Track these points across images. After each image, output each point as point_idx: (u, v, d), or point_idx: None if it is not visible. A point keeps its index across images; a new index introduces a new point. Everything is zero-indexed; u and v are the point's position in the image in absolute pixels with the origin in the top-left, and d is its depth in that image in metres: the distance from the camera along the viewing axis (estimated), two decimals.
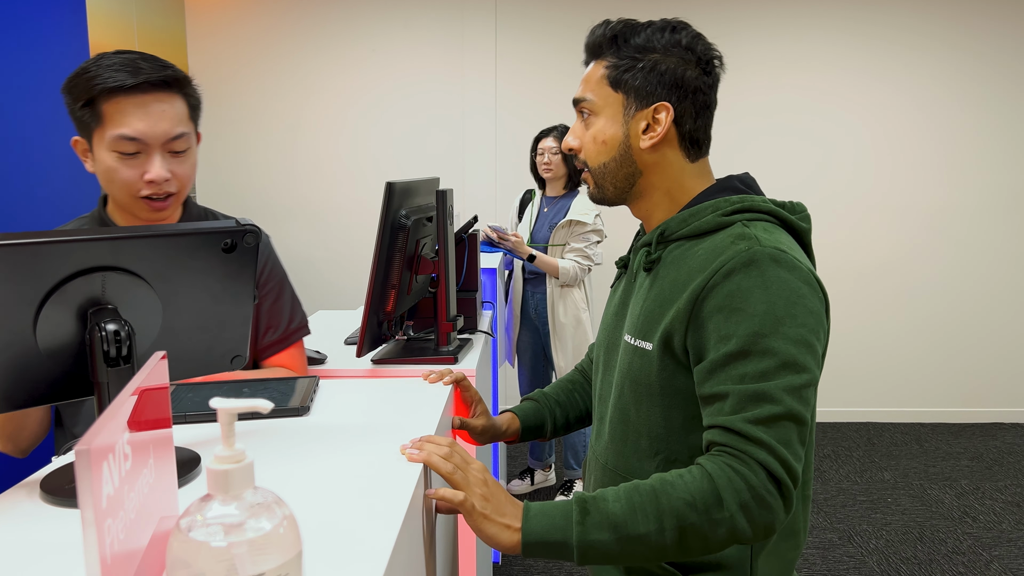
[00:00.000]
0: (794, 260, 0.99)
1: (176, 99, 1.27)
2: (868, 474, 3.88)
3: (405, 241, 1.62)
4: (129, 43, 3.64)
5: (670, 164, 1.10)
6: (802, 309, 0.96)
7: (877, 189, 4.49)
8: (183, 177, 1.29)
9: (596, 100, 1.10)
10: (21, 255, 0.76)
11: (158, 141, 1.24)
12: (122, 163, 1.23)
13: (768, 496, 0.91)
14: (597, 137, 1.10)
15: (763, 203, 1.07)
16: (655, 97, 1.07)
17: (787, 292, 0.96)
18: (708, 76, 1.09)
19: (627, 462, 1.12)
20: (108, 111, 1.21)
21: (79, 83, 1.22)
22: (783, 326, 0.95)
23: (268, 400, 1.08)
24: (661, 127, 1.07)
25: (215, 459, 0.52)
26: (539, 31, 4.40)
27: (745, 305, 0.96)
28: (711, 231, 1.05)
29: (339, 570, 0.65)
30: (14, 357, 0.79)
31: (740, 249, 0.98)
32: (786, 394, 0.93)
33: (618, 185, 1.12)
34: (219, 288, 0.92)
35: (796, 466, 0.93)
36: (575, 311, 3.37)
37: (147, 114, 1.22)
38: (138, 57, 1.24)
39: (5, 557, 0.68)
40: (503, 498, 0.93)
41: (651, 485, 0.94)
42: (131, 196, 1.26)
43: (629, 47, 1.08)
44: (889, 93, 4.41)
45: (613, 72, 1.08)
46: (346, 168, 4.51)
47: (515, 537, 0.91)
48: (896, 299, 4.57)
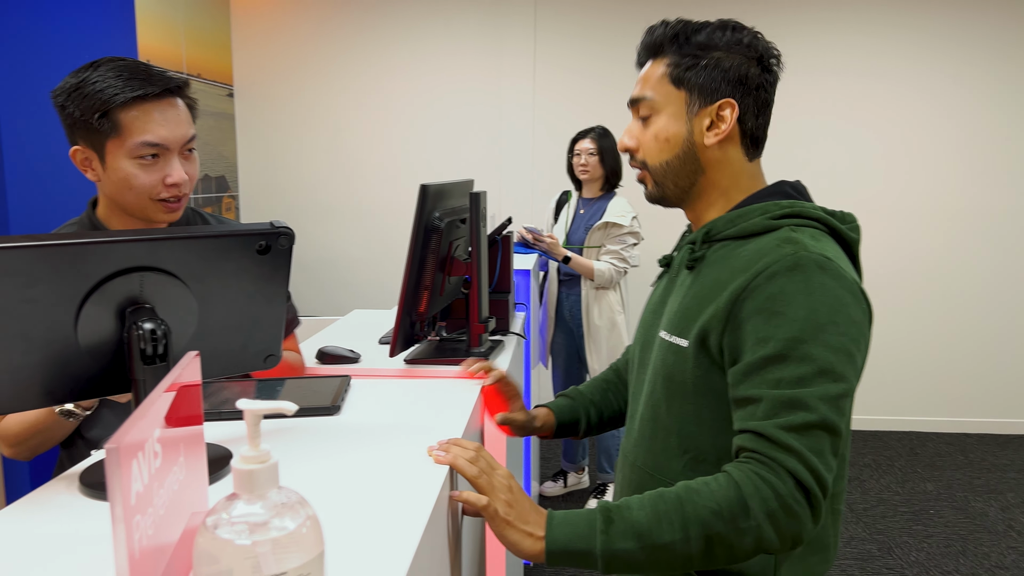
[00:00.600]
0: (839, 269, 0.97)
1: (181, 103, 1.30)
2: (910, 484, 3.79)
3: (438, 243, 1.63)
4: (176, 45, 3.73)
5: (731, 162, 1.09)
6: (844, 317, 0.95)
7: (921, 193, 4.39)
8: (194, 178, 1.33)
9: (657, 98, 1.09)
10: (64, 255, 0.79)
11: (177, 144, 1.27)
12: (142, 169, 1.25)
13: (796, 505, 0.90)
14: (659, 135, 1.09)
15: (813, 210, 1.06)
16: (719, 94, 1.06)
17: (830, 299, 0.95)
18: (769, 74, 1.09)
19: (655, 459, 1.11)
20: (127, 120, 1.22)
21: (88, 93, 1.21)
22: (824, 333, 0.93)
23: (299, 399, 1.10)
24: (727, 124, 1.07)
25: (240, 459, 0.54)
26: (577, 33, 4.40)
27: (786, 309, 0.94)
28: (757, 233, 1.05)
29: (362, 570, 0.66)
30: (56, 353, 0.82)
31: (785, 253, 0.97)
32: (822, 402, 0.92)
33: (679, 184, 1.11)
34: (253, 289, 0.94)
35: (826, 476, 0.91)
36: (610, 313, 3.35)
37: (166, 120, 1.25)
38: (138, 64, 1.26)
39: (44, 547, 0.71)
40: (527, 505, 0.93)
41: (676, 493, 0.93)
42: (149, 200, 1.27)
43: (690, 45, 1.07)
44: (911, 94, 4.31)
45: (675, 70, 1.07)
46: (384, 169, 4.56)
47: (538, 545, 0.91)
48: (941, 305, 4.46)
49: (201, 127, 3.99)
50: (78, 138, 1.26)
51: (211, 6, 4.19)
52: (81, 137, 1.26)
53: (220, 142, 4.28)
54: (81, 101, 1.22)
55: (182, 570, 0.63)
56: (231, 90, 4.44)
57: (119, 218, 1.34)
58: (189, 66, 3.86)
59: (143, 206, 1.29)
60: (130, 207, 1.30)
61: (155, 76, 1.25)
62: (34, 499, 0.81)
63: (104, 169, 1.27)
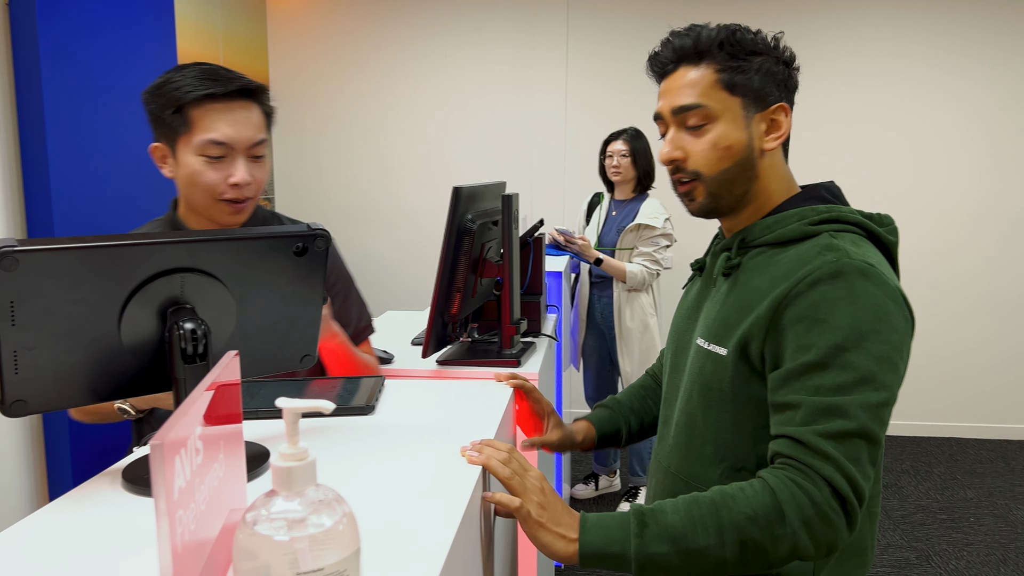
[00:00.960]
0: (882, 275, 0.96)
1: (255, 107, 1.34)
2: (949, 492, 3.72)
3: (471, 245, 1.64)
4: (214, 49, 3.80)
5: (776, 167, 1.09)
6: (887, 326, 0.94)
7: (960, 196, 4.30)
8: (260, 181, 1.36)
9: (713, 105, 1.05)
10: (108, 256, 0.81)
11: (242, 146, 1.30)
12: (208, 166, 1.29)
13: (832, 513, 0.89)
14: (719, 143, 1.05)
15: (851, 214, 1.05)
16: (773, 98, 1.06)
17: (873, 307, 0.94)
18: (794, 77, 1.10)
19: (690, 467, 1.10)
20: (196, 117, 1.28)
21: (166, 91, 1.28)
22: (866, 341, 0.92)
23: (335, 398, 1.11)
24: (783, 128, 1.06)
25: (279, 457, 0.55)
26: (610, 35, 4.39)
27: (829, 316, 0.94)
28: (796, 240, 1.03)
29: (396, 568, 0.67)
30: (100, 352, 0.84)
31: (828, 260, 0.96)
32: (861, 410, 0.91)
33: (735, 193, 1.08)
34: (290, 290, 0.95)
35: (863, 485, 0.91)
36: (642, 316, 3.34)
37: (234, 120, 1.29)
38: (219, 68, 1.31)
39: (88, 541, 0.72)
40: (560, 507, 0.94)
41: (711, 498, 0.92)
42: (213, 199, 1.31)
43: (739, 49, 1.05)
44: (943, 97, 4.22)
45: (728, 75, 1.04)
46: (417, 172, 4.59)
47: (571, 548, 0.91)
48: (982, 309, 4.36)
49: None
50: (158, 134, 1.33)
51: (248, 11, 4.25)
52: (159, 133, 1.33)
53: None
54: (160, 98, 1.29)
55: (221, 565, 0.64)
56: None
57: (196, 218, 1.39)
58: None
59: (208, 205, 1.33)
60: (197, 206, 1.35)
61: (231, 79, 1.30)
62: (77, 495, 0.83)
63: (176, 165, 1.32)
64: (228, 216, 1.34)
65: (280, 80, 4.55)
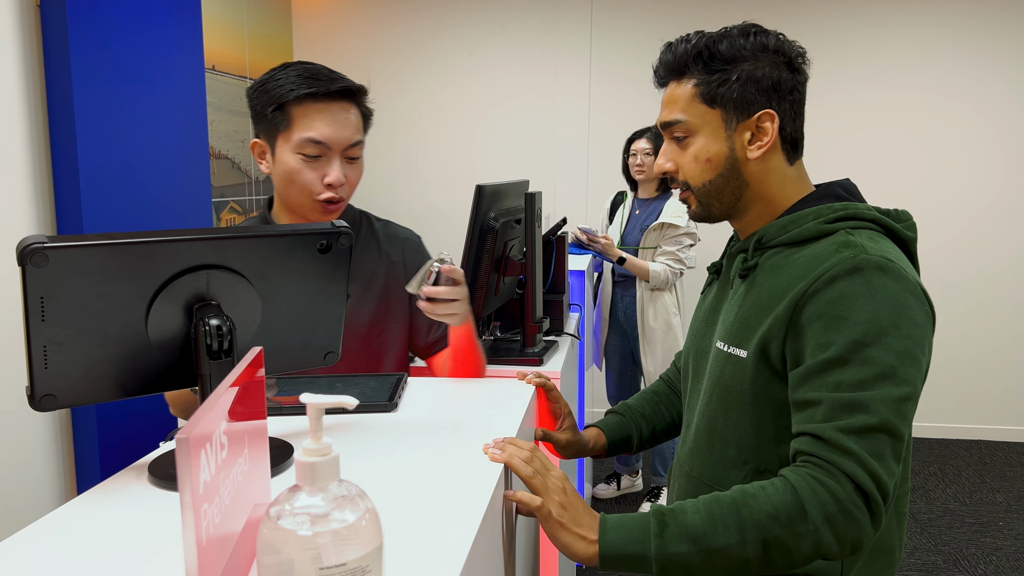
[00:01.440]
0: (901, 270, 0.95)
1: (354, 108, 1.36)
2: (978, 495, 3.66)
3: (493, 243, 1.64)
4: (240, 50, 3.83)
5: (774, 170, 1.08)
6: (907, 320, 0.93)
7: (990, 194, 4.23)
8: (353, 183, 1.37)
9: (691, 120, 1.07)
10: (136, 253, 0.82)
11: (340, 146, 1.32)
12: (305, 165, 1.32)
13: (855, 510, 0.88)
14: (700, 156, 1.07)
15: (867, 211, 1.04)
16: (756, 106, 1.04)
17: (893, 302, 0.93)
18: (799, 74, 1.07)
19: (712, 471, 1.10)
20: (297, 115, 1.30)
21: (270, 88, 1.31)
22: (886, 336, 0.92)
23: (358, 395, 1.12)
24: (769, 135, 1.05)
25: (303, 452, 0.55)
26: (634, 33, 4.36)
27: (848, 313, 0.93)
28: (812, 239, 1.03)
29: (417, 564, 0.67)
30: (128, 348, 0.85)
31: (845, 256, 0.96)
32: (883, 405, 0.90)
33: (725, 201, 1.09)
34: (314, 287, 0.96)
35: (887, 480, 0.90)
36: (666, 315, 3.32)
37: (333, 120, 1.31)
38: (322, 68, 1.34)
39: (114, 534, 0.73)
40: (581, 508, 0.93)
41: (731, 497, 0.92)
42: (308, 197, 1.34)
43: (716, 60, 1.05)
44: (961, 93, 4.15)
45: (706, 88, 1.05)
46: (440, 171, 4.60)
47: (591, 549, 0.90)
48: (1011, 309, 4.29)
49: None
50: (259, 130, 1.37)
51: (274, 12, 4.29)
52: (260, 129, 1.36)
53: None
54: (263, 95, 1.32)
55: (245, 559, 0.65)
56: None
57: (288, 216, 1.41)
58: (252, 70, 3.97)
59: (302, 203, 1.35)
60: (292, 204, 1.37)
61: (333, 79, 1.32)
62: (104, 488, 0.84)
63: (273, 162, 1.35)
64: (320, 215, 1.36)
65: None
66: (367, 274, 1.46)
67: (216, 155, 3.59)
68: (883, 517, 0.91)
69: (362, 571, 0.55)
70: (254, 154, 1.39)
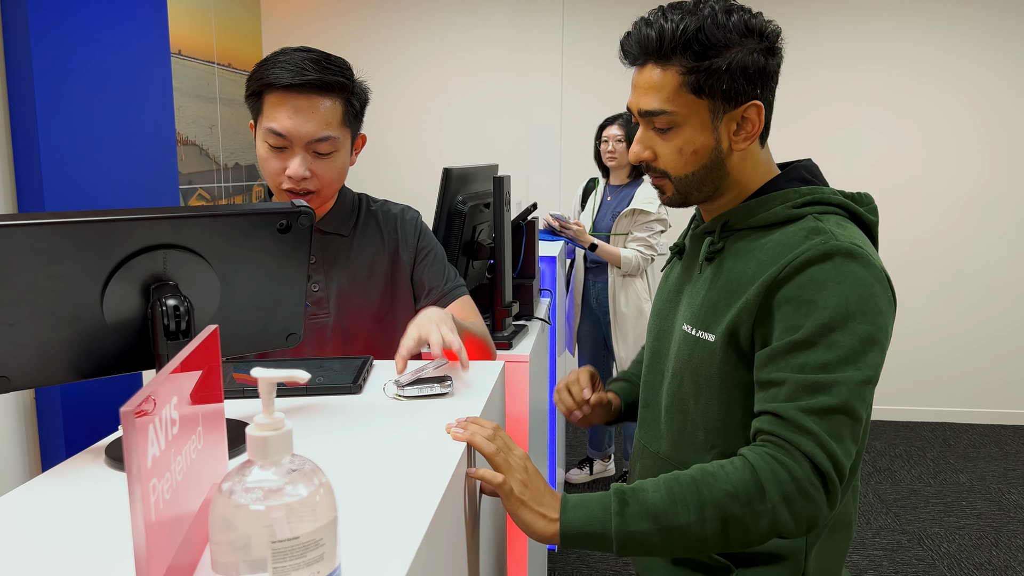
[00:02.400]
0: (869, 257, 0.96)
1: (333, 102, 1.31)
2: (942, 476, 3.73)
3: (462, 227, 1.63)
4: (207, 34, 3.77)
5: (751, 156, 1.06)
6: (873, 307, 0.94)
7: (959, 181, 4.30)
8: (324, 178, 1.33)
9: (677, 111, 1.00)
10: (89, 232, 0.81)
11: (301, 140, 1.30)
12: (270, 154, 1.31)
13: (812, 489, 0.90)
14: (685, 148, 1.03)
15: (833, 196, 1.04)
16: (745, 96, 1.00)
17: (861, 288, 0.94)
18: (776, 57, 1.03)
19: (682, 453, 1.10)
20: (267, 104, 1.30)
21: (256, 72, 1.31)
22: (852, 321, 0.93)
23: (323, 378, 1.11)
24: (756, 126, 1.02)
25: (255, 426, 0.55)
26: (606, 18, 4.36)
27: (817, 297, 0.94)
28: (780, 223, 1.02)
29: (376, 540, 0.67)
30: (83, 329, 0.83)
31: (816, 243, 0.96)
32: (844, 388, 0.91)
33: (704, 190, 1.07)
34: (274, 267, 0.95)
35: (844, 461, 0.91)
36: (637, 301, 3.34)
37: (295, 113, 1.28)
38: (317, 57, 1.30)
39: (68, 515, 0.72)
40: (542, 487, 0.94)
41: (691, 475, 0.93)
42: (275, 187, 1.34)
43: (704, 47, 0.97)
44: (946, 84, 4.21)
45: (694, 78, 0.98)
46: (412, 157, 4.57)
47: (552, 528, 0.91)
48: (977, 294, 4.37)
49: (232, 116, 4.03)
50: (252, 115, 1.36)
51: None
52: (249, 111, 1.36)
53: (250, 131, 4.32)
54: (249, 79, 1.32)
55: (202, 539, 0.64)
56: None
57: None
58: (219, 56, 3.91)
59: (275, 192, 1.36)
60: (272, 191, 1.37)
61: (304, 70, 1.27)
62: (60, 471, 0.83)
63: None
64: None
65: None
66: (370, 257, 1.46)
67: (183, 141, 3.54)
68: (839, 497, 0.92)
69: (315, 544, 0.54)
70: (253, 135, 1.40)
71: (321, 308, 1.41)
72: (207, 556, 0.64)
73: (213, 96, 3.83)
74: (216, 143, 3.85)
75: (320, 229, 1.43)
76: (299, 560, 0.54)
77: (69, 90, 2.21)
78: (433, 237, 1.55)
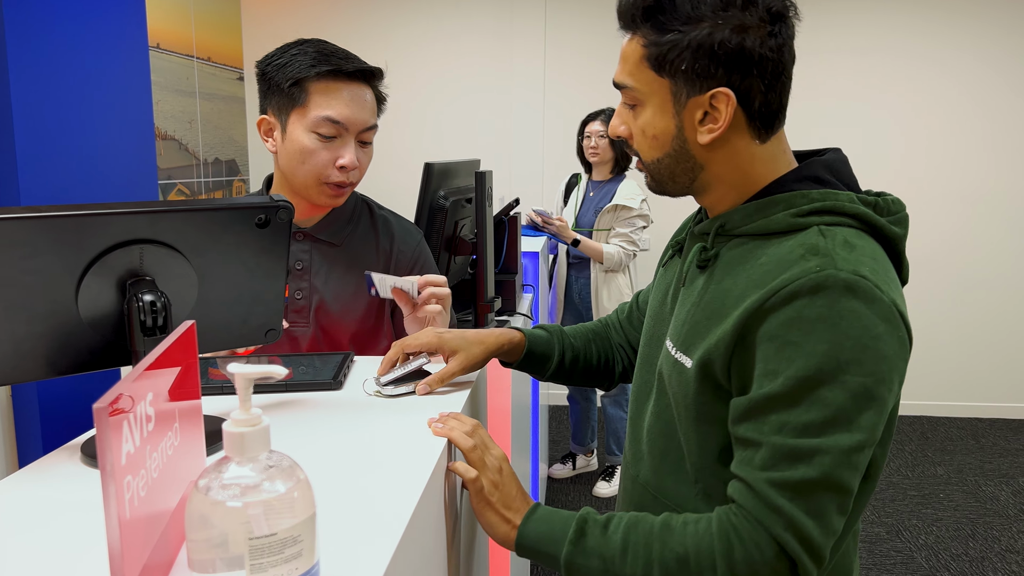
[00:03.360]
0: (873, 290, 0.80)
1: (370, 91, 1.32)
2: (920, 468, 3.78)
3: (443, 222, 1.63)
4: (186, 27, 3.74)
5: (736, 153, 0.90)
6: (872, 354, 0.80)
7: (934, 177, 4.34)
8: (364, 167, 1.34)
9: (638, 87, 0.90)
10: (64, 226, 0.79)
11: (356, 128, 1.29)
12: (319, 144, 1.28)
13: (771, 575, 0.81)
14: (646, 131, 0.92)
15: (849, 204, 0.87)
16: (711, 80, 0.86)
17: (859, 331, 0.79)
18: (776, 37, 0.86)
19: (662, 481, 0.99)
20: (315, 92, 1.27)
21: (285, 62, 1.27)
22: (843, 373, 0.79)
23: (302, 374, 1.10)
24: (722, 119, 0.87)
25: (232, 422, 0.54)
26: (589, 13, 4.36)
27: (803, 339, 0.80)
28: (781, 232, 0.88)
29: (355, 536, 0.66)
30: (57, 325, 0.82)
31: (810, 268, 0.81)
32: (829, 457, 0.79)
33: (677, 180, 0.94)
34: (253, 262, 0.94)
35: (821, 542, 0.81)
36: (619, 296, 3.35)
37: (352, 100, 1.28)
38: (337, 48, 1.31)
39: (42, 512, 0.72)
40: (514, 492, 0.93)
41: (652, 525, 0.87)
42: (317, 179, 1.30)
43: (670, 17, 0.86)
44: (937, 77, 4.25)
45: (654, 51, 0.87)
46: (394, 151, 4.55)
47: (511, 534, 0.91)
48: (954, 289, 4.42)
49: (211, 111, 4.00)
50: (268, 106, 1.32)
51: None
52: (271, 104, 1.31)
53: (230, 126, 4.29)
54: (279, 70, 1.28)
55: (178, 537, 0.63)
56: (241, 73, 4.45)
57: (291, 198, 1.36)
58: (199, 49, 3.87)
59: (309, 185, 1.31)
60: (298, 185, 1.33)
61: (352, 59, 1.29)
62: (36, 468, 0.82)
63: (283, 140, 1.31)
64: (328, 199, 1.33)
65: (254, 58, 4.45)
66: (362, 269, 1.41)
67: (162, 136, 3.50)
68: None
69: (293, 541, 0.54)
70: (260, 131, 1.35)
71: (301, 317, 1.38)
72: (184, 554, 0.63)
73: (192, 90, 3.79)
74: (196, 138, 3.82)
75: (311, 235, 1.40)
76: (277, 557, 0.53)
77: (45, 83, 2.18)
78: (433, 265, 1.49)
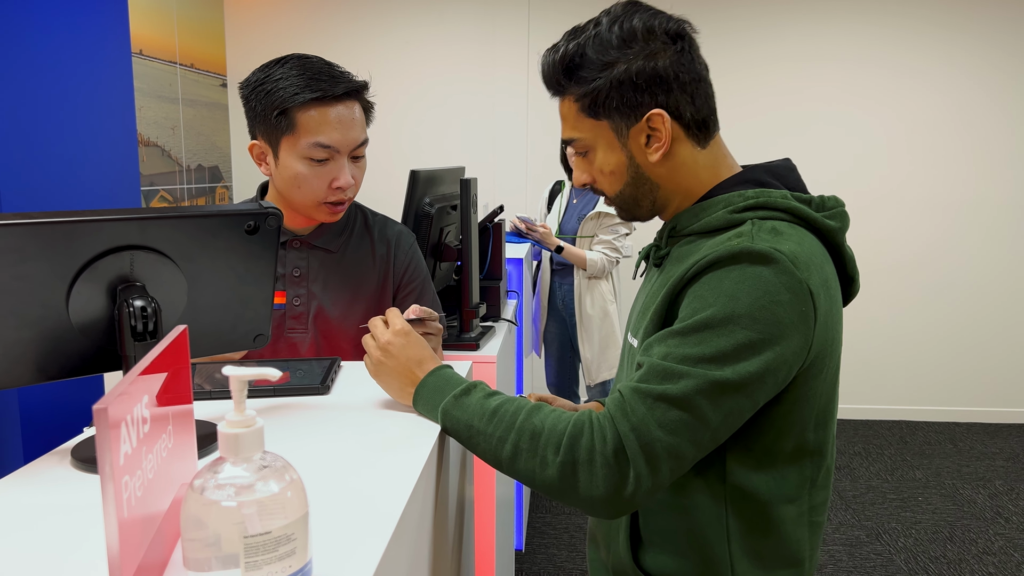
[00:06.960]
0: (787, 263, 0.88)
1: (357, 106, 1.32)
2: (899, 472, 3.83)
3: (429, 229, 1.65)
4: (169, 34, 3.73)
5: (683, 163, 1.01)
6: (768, 315, 0.87)
7: (913, 183, 4.41)
8: (360, 181, 1.35)
9: (584, 136, 1.02)
10: (55, 233, 0.80)
11: (348, 148, 1.30)
12: (311, 169, 1.28)
13: (602, 468, 0.86)
14: (603, 169, 1.02)
15: (782, 200, 0.96)
16: (642, 108, 0.97)
17: (760, 292, 0.87)
18: (683, 52, 0.97)
19: None
20: (303, 120, 1.26)
21: (269, 89, 1.26)
22: (734, 324, 0.86)
23: (290, 378, 1.11)
24: (664, 136, 0.97)
25: (226, 423, 0.55)
26: (572, 21, 4.38)
27: (709, 293, 0.89)
28: (721, 228, 0.97)
29: (345, 536, 0.68)
30: (48, 330, 0.83)
31: (732, 244, 0.90)
32: (694, 382, 0.86)
33: (641, 204, 1.05)
34: (242, 268, 0.95)
35: (661, 454, 0.86)
36: (602, 303, 3.38)
37: (340, 123, 1.28)
38: (320, 65, 1.29)
39: (34, 517, 0.72)
40: (417, 357, 1.02)
41: (526, 404, 0.95)
42: (314, 201, 1.31)
43: (588, 70, 0.97)
44: (917, 86, 4.33)
45: (586, 101, 0.99)
46: (377, 159, 4.55)
47: (409, 389, 1.01)
48: (931, 295, 4.49)
49: (194, 117, 3.99)
50: (257, 132, 1.31)
51: None
52: (260, 131, 1.30)
53: (213, 132, 4.28)
54: (264, 97, 1.26)
55: (171, 538, 0.64)
56: (224, 80, 4.44)
57: (289, 213, 1.38)
58: (182, 56, 3.86)
59: (307, 206, 1.33)
60: (295, 205, 1.34)
61: (337, 78, 1.28)
62: (26, 472, 0.83)
63: (276, 165, 1.31)
64: (327, 216, 1.35)
65: (237, 65, 4.48)
66: (357, 278, 1.43)
67: (145, 142, 3.49)
68: (647, 492, 0.87)
69: (287, 539, 0.55)
70: (252, 156, 1.34)
71: (300, 323, 1.40)
72: (177, 554, 0.64)
73: (175, 97, 3.78)
74: (179, 144, 3.81)
75: (308, 243, 1.41)
76: (271, 555, 0.55)
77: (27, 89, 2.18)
78: (424, 267, 1.52)
